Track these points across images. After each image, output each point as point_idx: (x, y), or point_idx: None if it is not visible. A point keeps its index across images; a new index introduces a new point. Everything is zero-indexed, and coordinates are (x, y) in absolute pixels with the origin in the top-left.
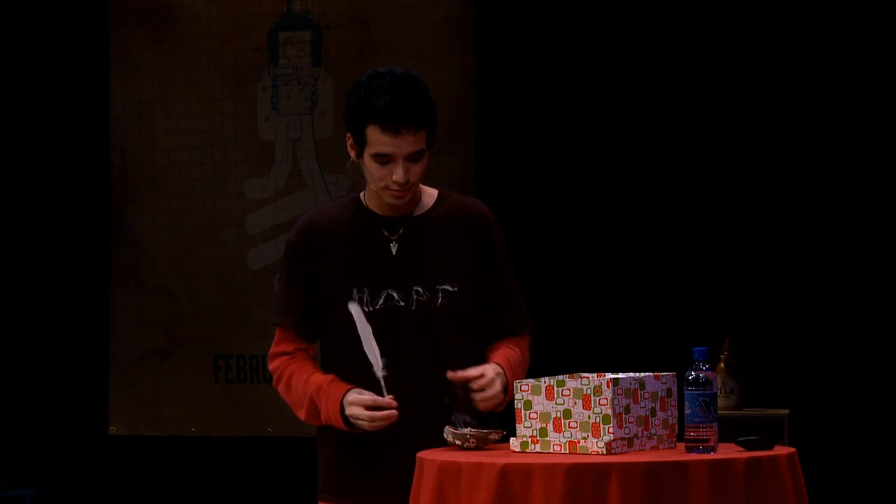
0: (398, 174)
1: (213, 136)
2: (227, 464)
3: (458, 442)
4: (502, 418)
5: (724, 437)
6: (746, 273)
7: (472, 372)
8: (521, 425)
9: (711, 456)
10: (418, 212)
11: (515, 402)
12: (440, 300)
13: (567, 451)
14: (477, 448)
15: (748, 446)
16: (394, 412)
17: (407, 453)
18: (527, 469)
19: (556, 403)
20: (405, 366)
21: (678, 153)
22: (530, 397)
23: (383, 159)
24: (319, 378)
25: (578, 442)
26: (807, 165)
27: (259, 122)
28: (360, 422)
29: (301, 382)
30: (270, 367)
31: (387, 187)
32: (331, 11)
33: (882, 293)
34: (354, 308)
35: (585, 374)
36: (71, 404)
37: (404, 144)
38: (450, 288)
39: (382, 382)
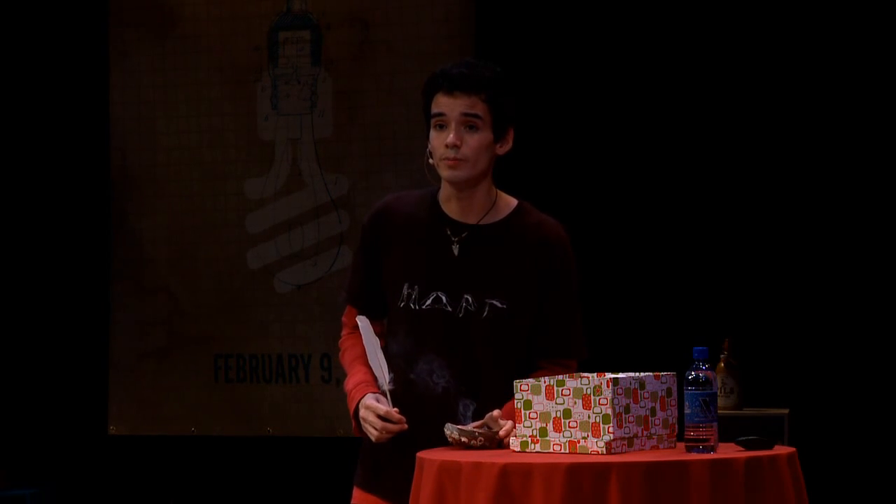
0: (450, 137)
1: (212, 136)
2: (227, 464)
3: (464, 439)
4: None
5: (724, 437)
6: (746, 273)
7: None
8: (521, 425)
9: (711, 456)
10: (488, 220)
11: (516, 401)
12: (486, 314)
13: (567, 451)
14: (482, 447)
15: (748, 446)
16: (403, 426)
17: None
18: (527, 469)
19: (556, 403)
20: (437, 370)
21: (678, 153)
22: (530, 397)
23: (439, 121)
24: (356, 372)
25: (578, 442)
26: (807, 165)
27: (259, 122)
28: (368, 428)
29: (347, 364)
30: (342, 333)
31: (441, 157)
32: (331, 11)
33: (882, 293)
34: (362, 321)
35: (585, 374)
36: (71, 404)
37: (457, 105)
38: (498, 304)
39: (388, 396)
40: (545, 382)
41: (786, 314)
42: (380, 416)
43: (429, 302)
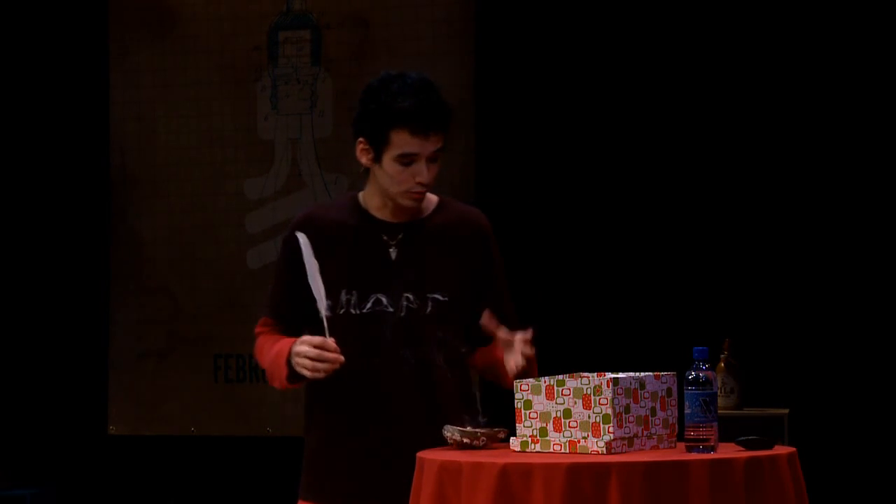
0: (423, 175)
1: (212, 135)
2: (227, 464)
3: (466, 440)
4: (502, 418)
5: (724, 437)
6: (746, 273)
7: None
8: (521, 425)
9: (711, 456)
10: (418, 217)
11: (515, 401)
12: (429, 309)
13: (567, 451)
14: (485, 446)
15: (748, 446)
16: (339, 357)
17: (387, 457)
18: (527, 469)
19: (556, 403)
20: (388, 371)
21: (678, 153)
22: (530, 397)
23: (408, 160)
24: (280, 340)
25: (578, 441)
26: (807, 165)
27: (258, 122)
28: (302, 361)
29: (268, 349)
30: (254, 347)
31: (407, 190)
32: (331, 11)
33: (882, 293)
34: (302, 237)
35: (585, 374)
36: (71, 404)
37: (429, 145)
38: (440, 297)
39: (325, 323)
40: (545, 382)
41: (786, 314)
42: (315, 347)
43: (369, 305)
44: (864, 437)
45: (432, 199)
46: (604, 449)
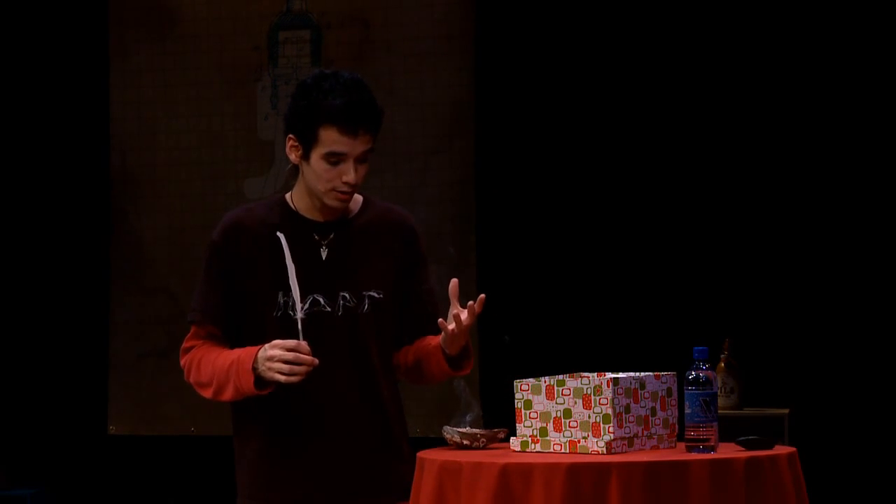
0: (350, 175)
1: (212, 135)
2: (227, 464)
3: (465, 441)
4: (502, 418)
5: (724, 437)
6: (746, 273)
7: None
8: (522, 425)
9: (711, 455)
10: (346, 216)
11: (516, 401)
12: (366, 307)
13: (567, 451)
14: (484, 447)
15: (748, 446)
16: (314, 360)
17: (329, 455)
18: (527, 469)
19: (556, 403)
20: (330, 370)
21: (678, 153)
22: (530, 397)
23: (335, 159)
24: (234, 351)
25: (579, 441)
26: (807, 165)
27: (258, 122)
28: (276, 366)
29: (212, 359)
30: (182, 361)
31: (333, 189)
32: (331, 11)
33: (882, 293)
34: (283, 238)
35: (585, 374)
36: (70, 404)
37: (359, 144)
38: (375, 295)
39: (300, 325)
40: (545, 382)
41: (786, 314)
42: (290, 350)
43: (307, 306)
44: (864, 437)
45: (358, 198)
46: (604, 449)
